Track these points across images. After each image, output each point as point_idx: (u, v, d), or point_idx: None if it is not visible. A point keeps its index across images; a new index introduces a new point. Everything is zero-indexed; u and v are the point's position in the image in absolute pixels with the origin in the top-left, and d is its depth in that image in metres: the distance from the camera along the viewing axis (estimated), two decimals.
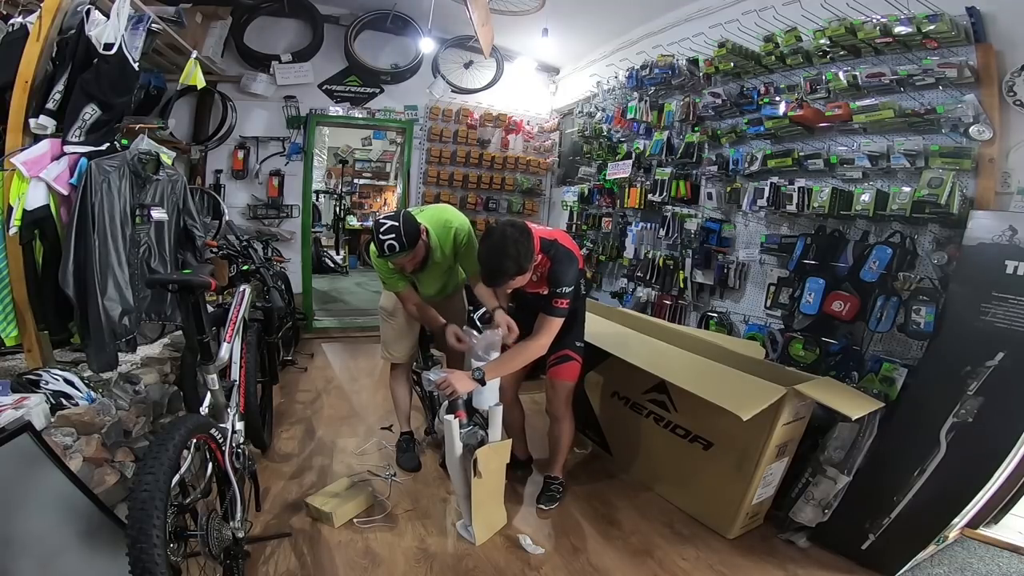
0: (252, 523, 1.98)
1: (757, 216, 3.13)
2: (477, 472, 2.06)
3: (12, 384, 1.96)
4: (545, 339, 2.15)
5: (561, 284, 2.10)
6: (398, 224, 2.13)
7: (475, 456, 2.06)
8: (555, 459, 2.50)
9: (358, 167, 9.58)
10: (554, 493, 2.44)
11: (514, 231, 2.00)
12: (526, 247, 1.99)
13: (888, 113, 2.37)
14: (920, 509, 2.00)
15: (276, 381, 3.29)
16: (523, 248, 1.98)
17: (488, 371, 2.10)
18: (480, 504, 2.15)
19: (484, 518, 2.19)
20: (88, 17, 2.16)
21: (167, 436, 1.32)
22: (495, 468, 2.18)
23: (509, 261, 1.96)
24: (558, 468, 2.50)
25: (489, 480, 2.15)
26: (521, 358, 2.18)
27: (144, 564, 1.10)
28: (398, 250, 2.14)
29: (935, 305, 2.15)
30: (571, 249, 2.20)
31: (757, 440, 2.10)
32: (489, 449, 2.13)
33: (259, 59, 4.61)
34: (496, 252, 1.98)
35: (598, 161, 4.59)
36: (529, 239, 2.02)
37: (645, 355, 2.48)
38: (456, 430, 2.12)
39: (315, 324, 5.31)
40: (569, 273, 2.12)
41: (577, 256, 2.19)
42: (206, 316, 1.72)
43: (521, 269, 1.99)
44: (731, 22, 3.19)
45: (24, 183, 2.04)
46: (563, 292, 2.10)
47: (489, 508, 2.23)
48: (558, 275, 2.12)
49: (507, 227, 2.02)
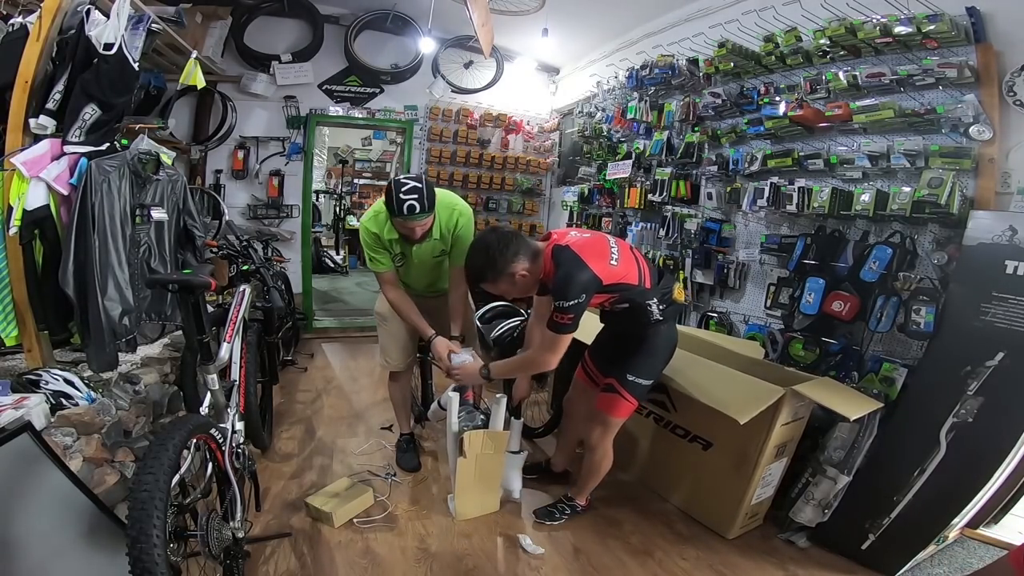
0: (252, 523, 1.98)
1: (757, 216, 3.12)
2: (462, 452, 2.16)
3: (12, 384, 1.96)
4: (543, 355, 1.96)
5: (558, 297, 1.83)
6: (421, 186, 2.06)
7: (461, 437, 2.17)
8: (577, 482, 2.36)
9: (358, 167, 9.57)
10: (555, 512, 2.31)
11: (494, 236, 1.92)
12: (499, 256, 1.88)
13: (888, 113, 2.37)
14: (920, 509, 2.00)
15: (276, 381, 3.29)
16: (492, 256, 1.89)
17: (494, 370, 2.14)
18: (466, 484, 2.25)
19: (470, 498, 2.30)
20: (88, 17, 2.16)
21: (167, 436, 1.32)
22: (488, 454, 2.23)
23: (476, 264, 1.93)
24: (577, 492, 2.33)
25: (481, 464, 2.23)
26: (522, 368, 2.20)
27: (144, 564, 1.10)
28: (418, 211, 2.05)
29: (935, 305, 2.14)
30: (579, 256, 1.84)
31: (756, 440, 2.10)
32: (481, 434, 2.19)
33: (259, 59, 4.61)
34: (470, 253, 1.98)
35: (598, 161, 4.58)
36: (508, 248, 1.88)
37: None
38: (456, 406, 2.25)
39: (315, 324, 5.31)
40: (567, 284, 1.80)
41: (588, 265, 1.82)
42: (206, 316, 1.72)
43: (484, 277, 1.93)
44: (731, 22, 3.19)
45: (24, 183, 2.04)
46: (561, 306, 1.82)
47: (477, 490, 2.31)
48: (555, 286, 1.86)
49: (490, 232, 1.96)
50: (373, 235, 2.28)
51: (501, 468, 2.32)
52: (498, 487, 2.36)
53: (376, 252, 2.32)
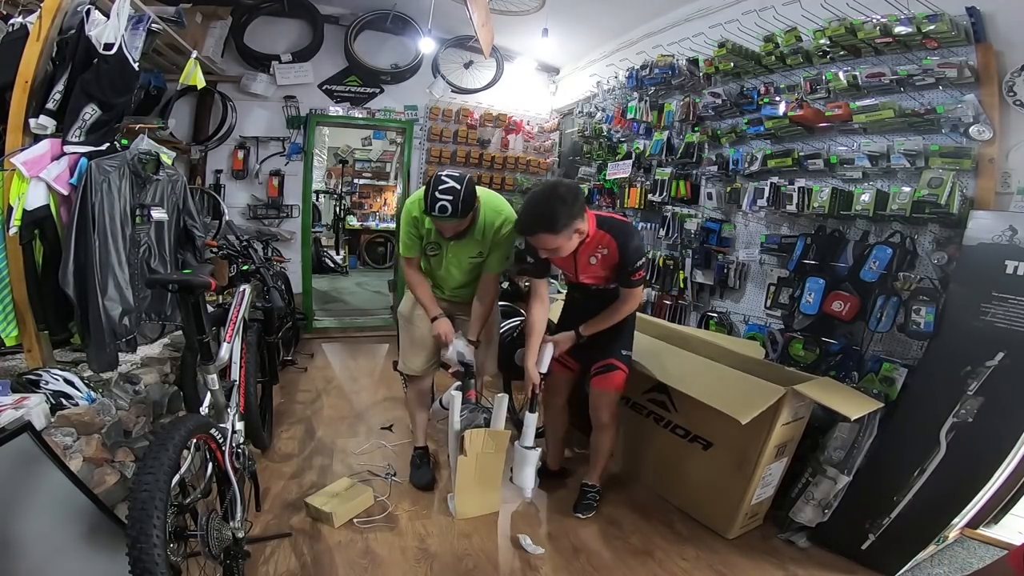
0: (252, 523, 1.98)
1: (757, 216, 3.12)
2: (463, 450, 2.18)
3: (12, 384, 1.96)
4: (632, 303, 2.22)
5: (635, 259, 2.09)
6: (460, 188, 1.99)
7: (462, 435, 2.17)
8: (594, 467, 2.44)
9: (358, 167, 9.57)
10: (591, 501, 2.39)
11: (565, 187, 1.93)
12: (568, 207, 1.91)
13: (888, 113, 2.37)
14: (920, 509, 2.00)
15: (276, 381, 3.29)
16: (564, 205, 1.90)
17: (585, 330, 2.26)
18: (467, 483, 2.25)
19: (470, 498, 2.30)
20: (88, 17, 2.16)
21: (167, 436, 1.31)
22: (489, 453, 2.24)
23: (545, 212, 1.91)
24: (596, 476, 2.44)
25: (481, 464, 2.24)
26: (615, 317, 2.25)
27: (144, 564, 1.10)
28: (448, 214, 2.00)
29: (935, 305, 2.14)
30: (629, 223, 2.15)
31: (756, 440, 2.10)
32: (482, 433, 2.19)
33: (259, 59, 4.61)
34: (537, 199, 1.94)
35: (598, 161, 4.58)
36: (577, 201, 1.95)
37: (645, 355, 2.47)
38: (458, 405, 2.25)
39: (315, 324, 5.31)
40: (639, 244, 2.11)
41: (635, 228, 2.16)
42: (206, 316, 1.72)
43: (552, 226, 1.92)
44: (731, 22, 3.19)
45: (24, 183, 2.04)
46: (636, 266, 2.10)
47: (478, 490, 2.31)
48: (629, 250, 2.08)
49: (559, 183, 1.95)
50: (413, 218, 2.24)
51: (501, 467, 2.32)
52: (499, 486, 2.36)
53: (409, 237, 2.29)
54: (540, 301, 2.29)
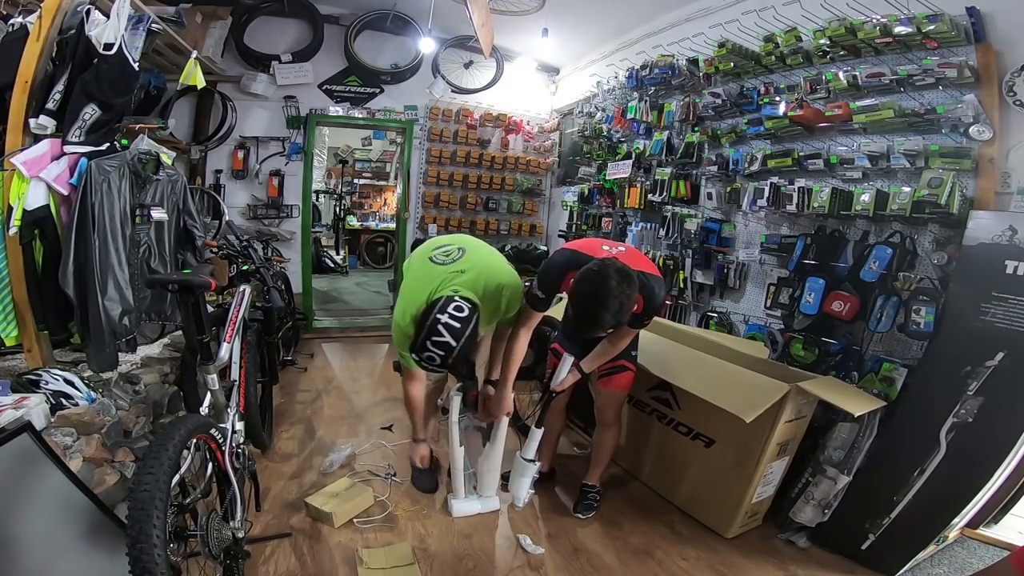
0: (252, 523, 1.98)
1: (757, 216, 3.12)
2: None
3: (12, 384, 1.96)
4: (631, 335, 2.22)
5: (654, 311, 2.08)
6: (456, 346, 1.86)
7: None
8: (595, 466, 2.44)
9: (358, 167, 9.58)
10: (591, 501, 2.39)
11: (621, 281, 1.79)
12: (629, 299, 1.82)
13: (888, 113, 2.37)
14: (920, 509, 2.00)
15: (276, 381, 3.29)
16: (627, 302, 1.81)
17: (586, 366, 2.26)
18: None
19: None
20: (88, 17, 2.17)
21: (167, 436, 1.31)
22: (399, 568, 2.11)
23: (608, 315, 1.79)
24: (596, 476, 2.44)
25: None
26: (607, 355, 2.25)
27: (144, 564, 1.10)
28: (437, 364, 1.89)
29: (935, 305, 2.14)
30: (658, 276, 2.08)
31: (759, 437, 2.10)
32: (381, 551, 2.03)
33: (259, 59, 4.61)
34: (596, 300, 1.79)
35: (598, 161, 4.59)
36: (634, 290, 1.83)
37: (649, 354, 2.47)
38: (457, 406, 2.28)
39: (315, 324, 5.31)
40: (662, 297, 2.09)
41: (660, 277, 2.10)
42: (206, 316, 1.72)
43: (619, 323, 1.88)
44: (731, 22, 3.19)
45: (24, 183, 2.05)
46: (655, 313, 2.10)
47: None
48: (652, 307, 2.03)
49: (613, 274, 1.79)
50: (406, 335, 2.07)
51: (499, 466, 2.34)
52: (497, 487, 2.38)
53: (405, 350, 2.09)
54: (527, 330, 2.23)
